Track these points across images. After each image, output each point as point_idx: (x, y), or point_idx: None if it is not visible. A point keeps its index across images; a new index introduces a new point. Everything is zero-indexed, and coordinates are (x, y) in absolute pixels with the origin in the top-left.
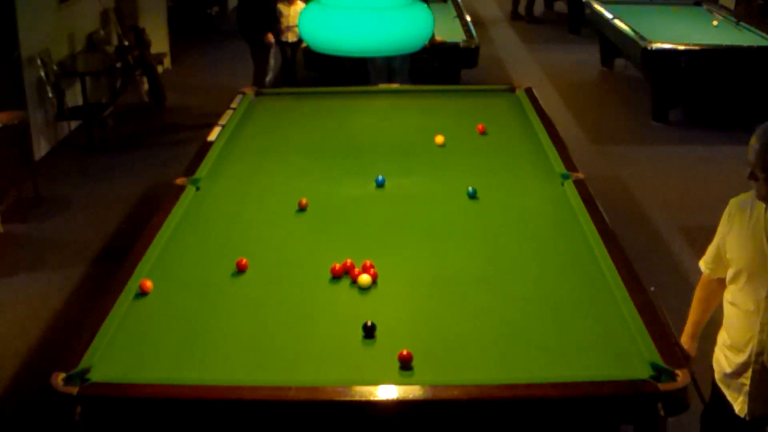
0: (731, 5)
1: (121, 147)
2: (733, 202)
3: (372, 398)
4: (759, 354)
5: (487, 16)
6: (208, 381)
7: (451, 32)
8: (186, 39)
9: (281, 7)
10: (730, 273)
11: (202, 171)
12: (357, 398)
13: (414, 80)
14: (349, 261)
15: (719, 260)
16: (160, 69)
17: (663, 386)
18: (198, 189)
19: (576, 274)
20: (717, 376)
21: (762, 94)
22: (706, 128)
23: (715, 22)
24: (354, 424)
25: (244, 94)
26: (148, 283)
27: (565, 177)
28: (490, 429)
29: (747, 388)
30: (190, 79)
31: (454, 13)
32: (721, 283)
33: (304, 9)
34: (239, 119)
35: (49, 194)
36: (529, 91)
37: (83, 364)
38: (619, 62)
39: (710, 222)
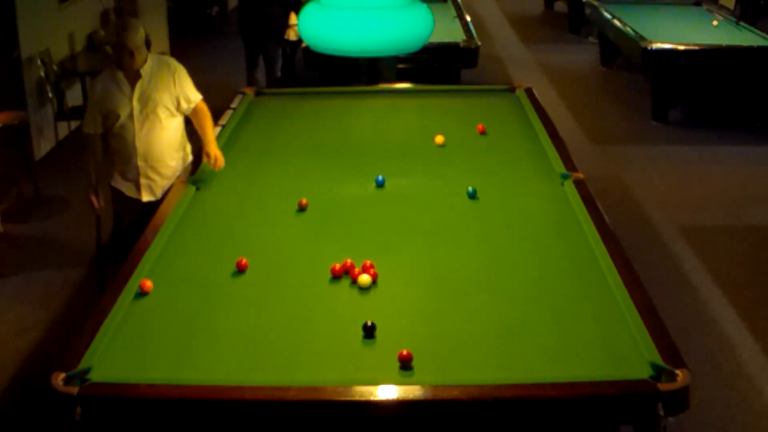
0: (731, 5)
1: None
2: None
3: (372, 398)
4: None
5: (487, 16)
6: (209, 381)
7: (451, 32)
8: (186, 39)
9: None
10: None
11: (202, 171)
12: (357, 398)
13: (413, 80)
14: (349, 261)
15: None
16: None
17: (663, 386)
18: (198, 189)
19: (576, 275)
20: None
21: (762, 94)
22: (706, 128)
23: (715, 22)
24: (354, 424)
25: (244, 94)
26: (148, 283)
27: (565, 177)
28: (490, 429)
29: None
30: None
31: (454, 13)
32: None
33: (304, 9)
34: (239, 119)
35: (49, 194)
36: (529, 91)
37: (83, 364)
38: (619, 62)
39: (710, 222)
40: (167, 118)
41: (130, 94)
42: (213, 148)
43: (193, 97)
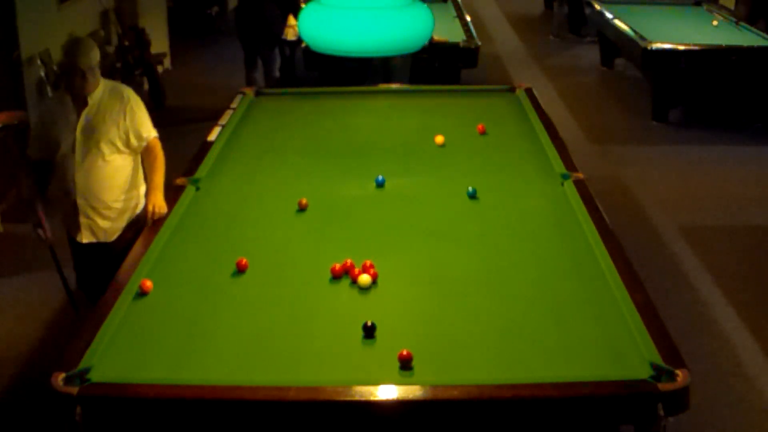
0: (731, 5)
1: None
2: None
3: (372, 398)
4: None
5: (487, 16)
6: (208, 381)
7: (451, 32)
8: (186, 39)
9: None
10: None
11: (202, 171)
12: (357, 398)
13: (414, 80)
14: (349, 261)
15: None
16: (160, 69)
17: (663, 386)
18: (198, 189)
19: (576, 274)
20: None
21: (762, 94)
22: (706, 128)
23: (715, 22)
24: (354, 424)
25: (244, 94)
26: (148, 283)
27: (565, 177)
28: (490, 429)
29: None
30: (190, 79)
31: (454, 13)
32: None
33: (304, 9)
34: (239, 119)
35: (49, 194)
36: (529, 91)
37: (83, 364)
38: (619, 62)
39: (710, 222)
40: (111, 154)
41: (75, 122)
42: (155, 197)
43: (145, 134)
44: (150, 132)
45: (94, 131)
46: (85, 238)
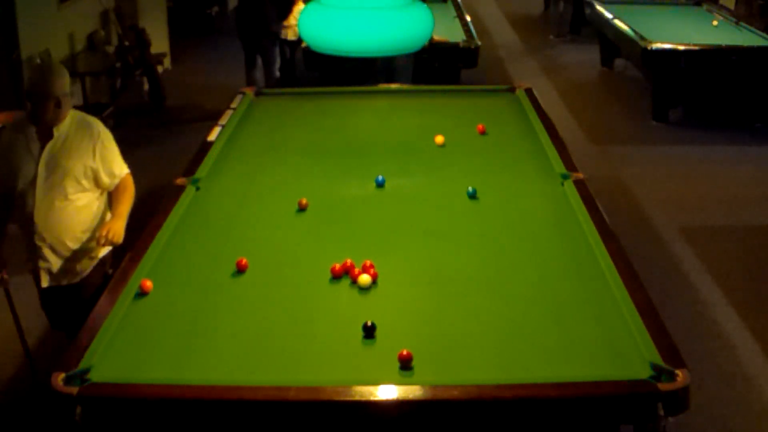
0: (731, 5)
1: (120, 147)
2: None
3: (372, 398)
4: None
5: (487, 16)
6: (209, 381)
7: (451, 32)
8: (186, 39)
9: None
10: None
11: (202, 171)
12: (357, 398)
13: (414, 80)
14: (349, 261)
15: None
16: (160, 69)
17: (663, 386)
18: (198, 189)
19: (576, 274)
20: None
21: (762, 94)
22: (706, 128)
23: (715, 22)
24: (354, 424)
25: (244, 94)
26: (148, 283)
27: (565, 177)
28: (490, 429)
29: None
30: (190, 79)
31: (454, 13)
32: None
33: (304, 9)
34: (239, 119)
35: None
36: (529, 91)
37: (83, 364)
38: (619, 62)
39: (710, 222)
40: (75, 193)
41: (38, 155)
42: (114, 223)
43: (118, 170)
44: (123, 169)
45: (57, 166)
46: (45, 282)
